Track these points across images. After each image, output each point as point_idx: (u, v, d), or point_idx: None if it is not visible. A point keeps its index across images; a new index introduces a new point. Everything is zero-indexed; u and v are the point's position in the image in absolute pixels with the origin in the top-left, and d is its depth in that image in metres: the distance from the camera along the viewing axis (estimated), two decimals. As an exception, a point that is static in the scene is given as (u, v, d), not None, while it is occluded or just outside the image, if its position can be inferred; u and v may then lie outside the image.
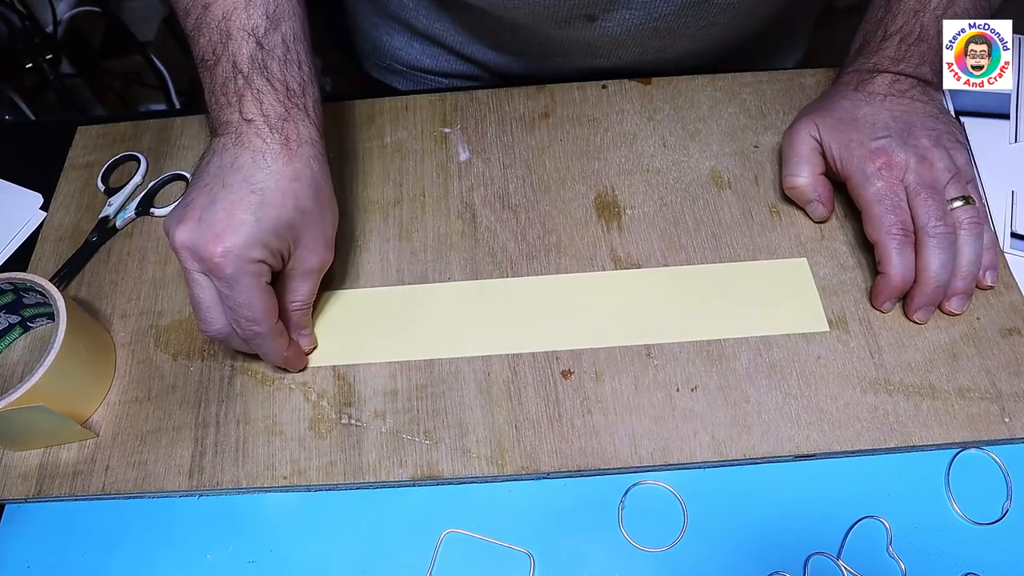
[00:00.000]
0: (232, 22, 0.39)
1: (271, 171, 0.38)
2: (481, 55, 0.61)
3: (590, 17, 0.51)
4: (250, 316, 0.38)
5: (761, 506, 0.40)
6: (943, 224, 0.42)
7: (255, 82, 0.39)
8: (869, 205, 0.43)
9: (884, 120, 0.45)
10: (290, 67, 0.40)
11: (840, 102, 0.47)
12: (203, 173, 0.39)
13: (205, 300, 0.39)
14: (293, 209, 0.38)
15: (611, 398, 0.42)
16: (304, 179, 0.39)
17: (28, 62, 1.01)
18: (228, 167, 0.38)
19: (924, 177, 0.43)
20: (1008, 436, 0.40)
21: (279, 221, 0.38)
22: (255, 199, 0.37)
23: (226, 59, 0.39)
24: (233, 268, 0.36)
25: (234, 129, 0.38)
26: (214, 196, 0.37)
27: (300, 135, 0.39)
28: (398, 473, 0.40)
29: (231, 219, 0.36)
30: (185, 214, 0.37)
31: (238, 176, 0.37)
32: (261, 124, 0.38)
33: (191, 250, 0.37)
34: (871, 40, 0.48)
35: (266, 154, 0.38)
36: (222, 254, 0.36)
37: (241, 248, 0.36)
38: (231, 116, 0.39)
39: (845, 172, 0.45)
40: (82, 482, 0.41)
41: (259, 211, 0.37)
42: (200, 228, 0.36)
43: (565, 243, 0.48)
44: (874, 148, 0.44)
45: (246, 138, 0.38)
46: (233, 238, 0.36)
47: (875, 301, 0.44)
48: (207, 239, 0.36)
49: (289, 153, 0.38)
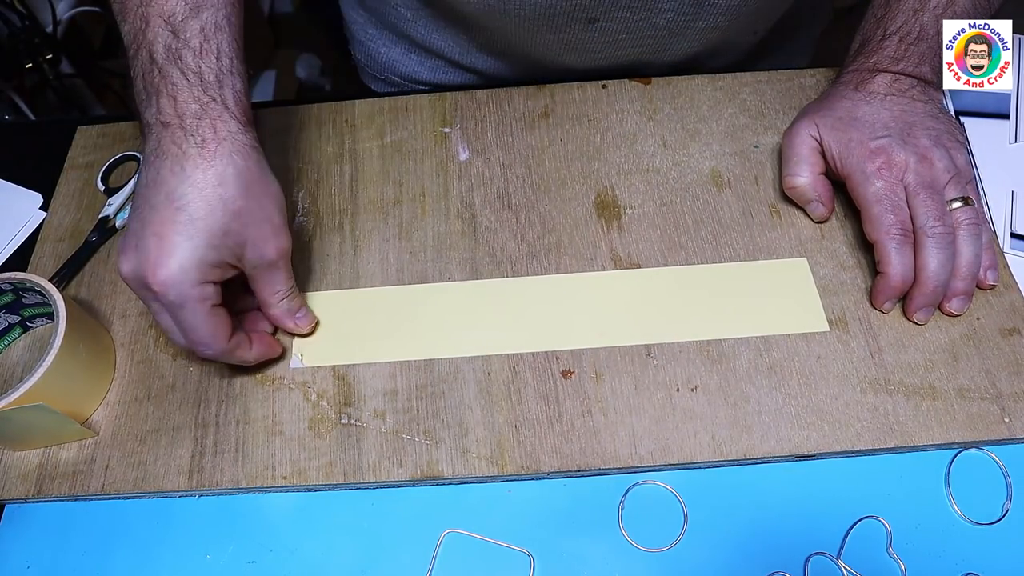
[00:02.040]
0: (151, 8, 0.37)
1: (191, 182, 0.36)
2: (479, 64, 0.61)
3: (590, 19, 0.51)
4: (198, 339, 0.38)
5: (761, 506, 0.40)
6: (942, 224, 0.42)
7: (170, 74, 0.37)
8: (868, 205, 0.43)
9: (884, 120, 0.45)
10: (207, 57, 0.38)
11: (840, 102, 0.47)
12: (136, 193, 0.38)
13: (168, 326, 0.38)
14: (224, 215, 0.37)
15: (611, 398, 0.42)
16: (228, 180, 0.37)
17: (28, 62, 1.01)
18: (152, 184, 0.36)
19: (924, 177, 0.43)
20: (1008, 436, 0.40)
21: (212, 232, 0.36)
22: (183, 217, 0.36)
23: (144, 49, 0.37)
24: (175, 294, 0.36)
25: (154, 134, 0.37)
26: (143, 220, 0.36)
27: (218, 133, 0.37)
28: (398, 473, 0.40)
29: (163, 244, 0.35)
30: (125, 243, 0.37)
31: (160, 194, 0.36)
32: (176, 128, 0.36)
33: (135, 280, 0.36)
34: (871, 39, 0.48)
35: (184, 163, 0.36)
36: (161, 283, 0.35)
37: (179, 273, 0.35)
38: (149, 116, 0.37)
39: (845, 172, 0.45)
40: (82, 482, 0.41)
41: (189, 229, 0.36)
42: (138, 257, 0.36)
43: (565, 243, 0.48)
44: (874, 148, 0.44)
45: (164, 145, 0.36)
46: (169, 264, 0.35)
47: (875, 301, 0.44)
48: (145, 269, 0.35)
49: (207, 156, 0.36)
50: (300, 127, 0.56)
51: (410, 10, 0.59)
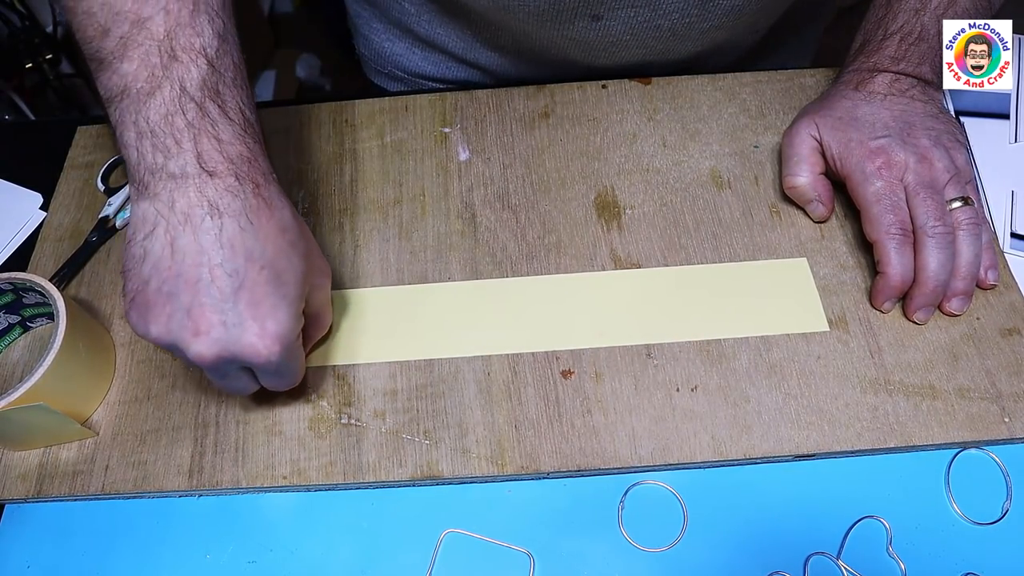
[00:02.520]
0: (177, 41, 0.33)
1: (264, 234, 0.33)
2: (483, 59, 0.61)
3: (595, 16, 0.51)
4: (292, 382, 0.39)
5: (761, 506, 0.40)
6: (942, 224, 0.42)
7: (210, 112, 0.33)
8: (868, 205, 0.43)
9: (884, 120, 0.45)
10: (243, 92, 0.35)
11: (840, 101, 0.47)
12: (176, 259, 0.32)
13: (247, 386, 0.38)
14: (300, 262, 0.35)
15: (611, 398, 0.42)
16: (287, 222, 0.35)
17: (28, 62, 1.01)
18: (213, 248, 0.32)
19: (923, 177, 0.43)
20: (1008, 436, 0.40)
21: (298, 284, 0.35)
22: (268, 275, 0.33)
23: (170, 86, 0.32)
24: (285, 354, 0.34)
25: (194, 186, 0.32)
26: (222, 289, 0.32)
27: (264, 173, 0.34)
28: (398, 473, 0.40)
29: (261, 308, 0.33)
30: (196, 324, 0.32)
31: (236, 258, 0.32)
32: (227, 174, 0.32)
33: (230, 360, 0.33)
34: (871, 39, 0.48)
35: (249, 216, 0.33)
36: (275, 348, 0.33)
37: (288, 332, 0.34)
38: (185, 167, 0.32)
39: (844, 172, 0.45)
40: (82, 482, 0.41)
41: (279, 285, 0.33)
42: (230, 333, 0.32)
43: (565, 243, 0.48)
44: (874, 147, 0.44)
45: (216, 198, 0.32)
46: (276, 327, 0.33)
47: (875, 301, 0.44)
48: (249, 342, 0.32)
49: (265, 201, 0.34)
50: (300, 127, 0.56)
51: (414, 5, 0.59)
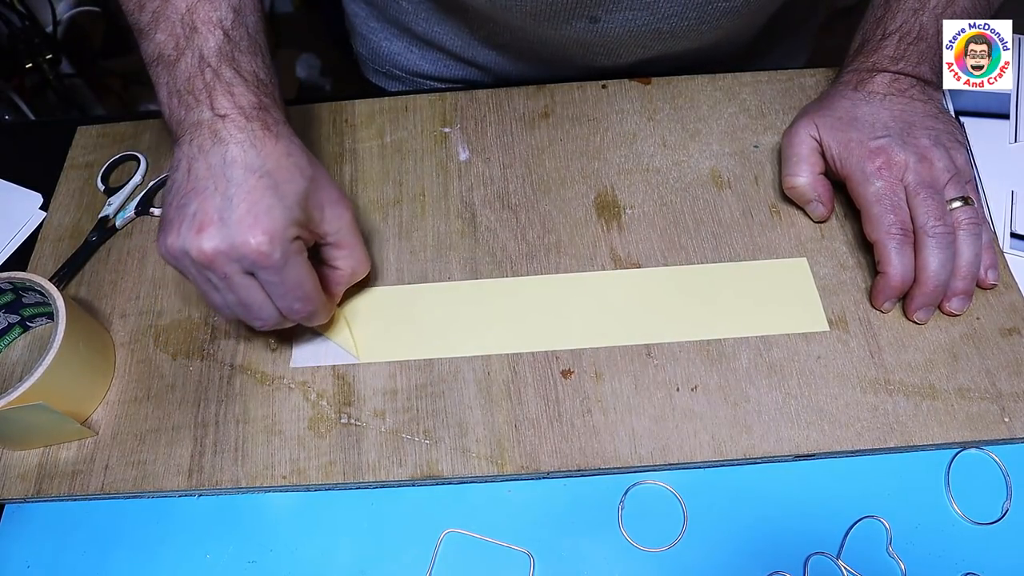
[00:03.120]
0: (197, 15, 0.38)
1: (265, 153, 0.37)
2: (481, 57, 0.61)
3: (592, 18, 0.51)
4: (302, 295, 0.38)
5: (761, 506, 0.40)
6: (942, 224, 0.42)
7: (224, 75, 0.38)
8: (868, 205, 0.43)
9: (883, 120, 0.45)
10: (256, 58, 0.40)
11: (839, 101, 0.47)
12: (188, 180, 0.37)
13: (256, 299, 0.38)
14: (302, 179, 0.38)
15: (611, 398, 0.42)
16: (295, 152, 0.39)
17: (28, 62, 1.01)
18: (218, 166, 0.37)
19: (923, 177, 0.43)
20: (1008, 436, 0.40)
21: (297, 195, 0.37)
22: (266, 182, 0.36)
23: (191, 53, 0.38)
24: (280, 252, 0.36)
25: (208, 128, 0.37)
26: (223, 194, 0.36)
27: (276, 118, 0.39)
28: (398, 473, 0.40)
29: (256, 207, 0.36)
30: (199, 223, 0.36)
31: (236, 169, 0.36)
32: (237, 116, 0.37)
33: (227, 253, 0.36)
34: (870, 39, 0.48)
35: (253, 142, 0.37)
36: (267, 242, 0.35)
37: (281, 229, 0.36)
38: (201, 115, 0.37)
39: (844, 172, 0.45)
40: (81, 482, 0.41)
41: (276, 191, 0.36)
42: (229, 228, 0.35)
43: (565, 243, 0.48)
44: (873, 148, 0.44)
45: (225, 133, 0.37)
46: (269, 223, 0.36)
47: (875, 301, 0.44)
48: (242, 234, 0.35)
49: (272, 134, 0.38)
50: (300, 127, 0.55)
51: (411, 3, 0.59)
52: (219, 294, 0.38)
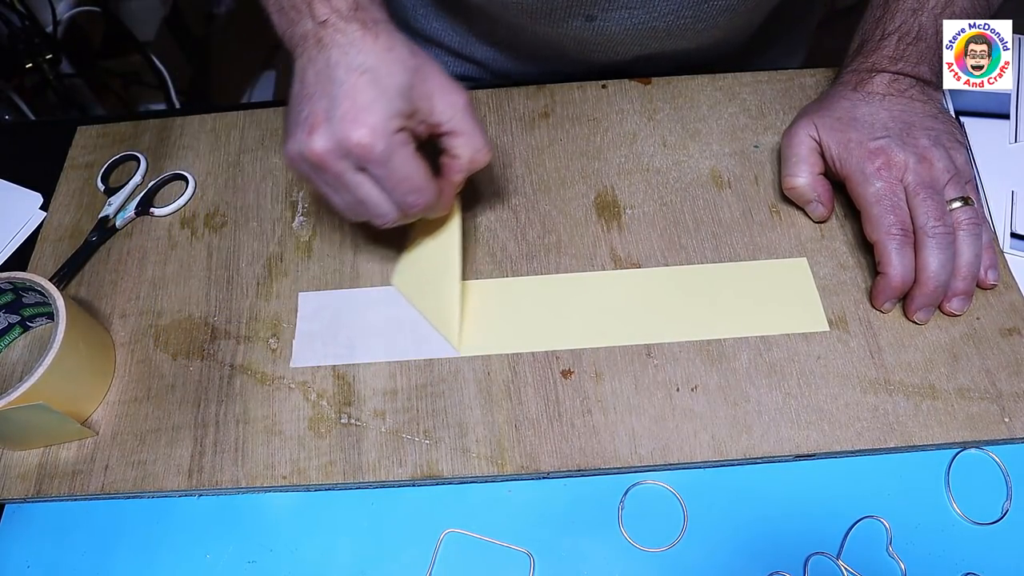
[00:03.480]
0: None
1: (365, 51, 0.38)
2: (480, 54, 0.61)
3: (588, 17, 0.51)
4: (412, 187, 0.38)
5: (761, 506, 0.40)
6: (942, 224, 0.42)
7: None
8: (868, 205, 0.43)
9: (883, 120, 0.45)
10: None
11: (839, 102, 0.47)
12: (302, 88, 0.38)
13: (372, 196, 0.38)
14: (405, 71, 0.38)
15: (611, 398, 0.42)
16: (397, 46, 0.39)
17: (28, 62, 1.01)
18: (324, 70, 0.38)
19: (923, 177, 0.43)
20: (1008, 436, 0.40)
21: (400, 86, 0.38)
22: (367, 77, 0.37)
23: None
24: (384, 144, 0.36)
25: (312, 37, 0.38)
26: (328, 95, 0.37)
27: (374, 17, 0.39)
28: (398, 473, 0.40)
29: (357, 103, 0.36)
30: (310, 125, 0.37)
31: (339, 71, 0.37)
32: (335, 20, 0.38)
33: (336, 150, 0.37)
34: (869, 39, 0.48)
35: (353, 42, 0.38)
36: (369, 135, 0.36)
37: (383, 121, 0.36)
38: (305, 26, 0.39)
39: (844, 172, 0.45)
40: (81, 482, 0.41)
41: (377, 85, 0.37)
42: (333, 126, 0.37)
43: (565, 243, 0.48)
44: (873, 148, 0.44)
45: (327, 38, 0.38)
46: (370, 117, 0.36)
47: (875, 302, 0.44)
48: (347, 130, 0.36)
49: (371, 34, 0.38)
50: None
51: (410, 0, 0.59)
52: (338, 195, 0.39)
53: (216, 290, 0.48)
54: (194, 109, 0.58)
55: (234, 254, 0.49)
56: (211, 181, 0.53)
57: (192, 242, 0.50)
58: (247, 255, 0.49)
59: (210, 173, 0.54)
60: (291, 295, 0.47)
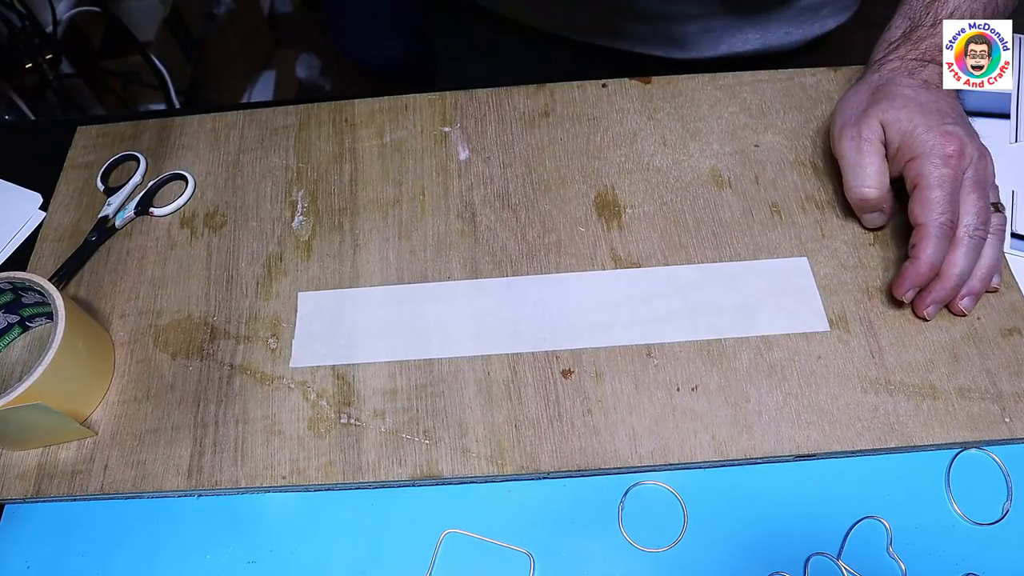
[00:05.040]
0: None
1: None
2: None
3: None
4: None
5: (761, 506, 0.40)
6: (984, 229, 0.41)
7: None
8: (929, 187, 0.41)
9: (945, 109, 0.44)
10: None
11: (900, 90, 0.45)
12: None
13: None
14: None
15: (611, 398, 0.42)
16: None
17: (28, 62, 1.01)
18: None
19: (980, 175, 0.42)
20: (1008, 436, 0.40)
21: None
22: None
23: None
24: None
25: None
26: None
27: None
28: (397, 473, 0.40)
29: None
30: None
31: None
32: None
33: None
34: (920, 25, 0.46)
35: None
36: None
37: None
38: None
39: (914, 151, 0.42)
40: (81, 482, 0.41)
41: None
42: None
43: (565, 242, 0.48)
44: (949, 131, 0.42)
45: None
46: None
47: (897, 289, 0.43)
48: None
49: None
50: (300, 127, 0.55)
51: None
52: None
53: (216, 290, 0.48)
54: (194, 109, 0.58)
55: (234, 254, 0.49)
56: (211, 181, 0.53)
57: (192, 242, 0.50)
58: (247, 255, 0.49)
59: (210, 173, 0.54)
60: (291, 295, 0.47)
